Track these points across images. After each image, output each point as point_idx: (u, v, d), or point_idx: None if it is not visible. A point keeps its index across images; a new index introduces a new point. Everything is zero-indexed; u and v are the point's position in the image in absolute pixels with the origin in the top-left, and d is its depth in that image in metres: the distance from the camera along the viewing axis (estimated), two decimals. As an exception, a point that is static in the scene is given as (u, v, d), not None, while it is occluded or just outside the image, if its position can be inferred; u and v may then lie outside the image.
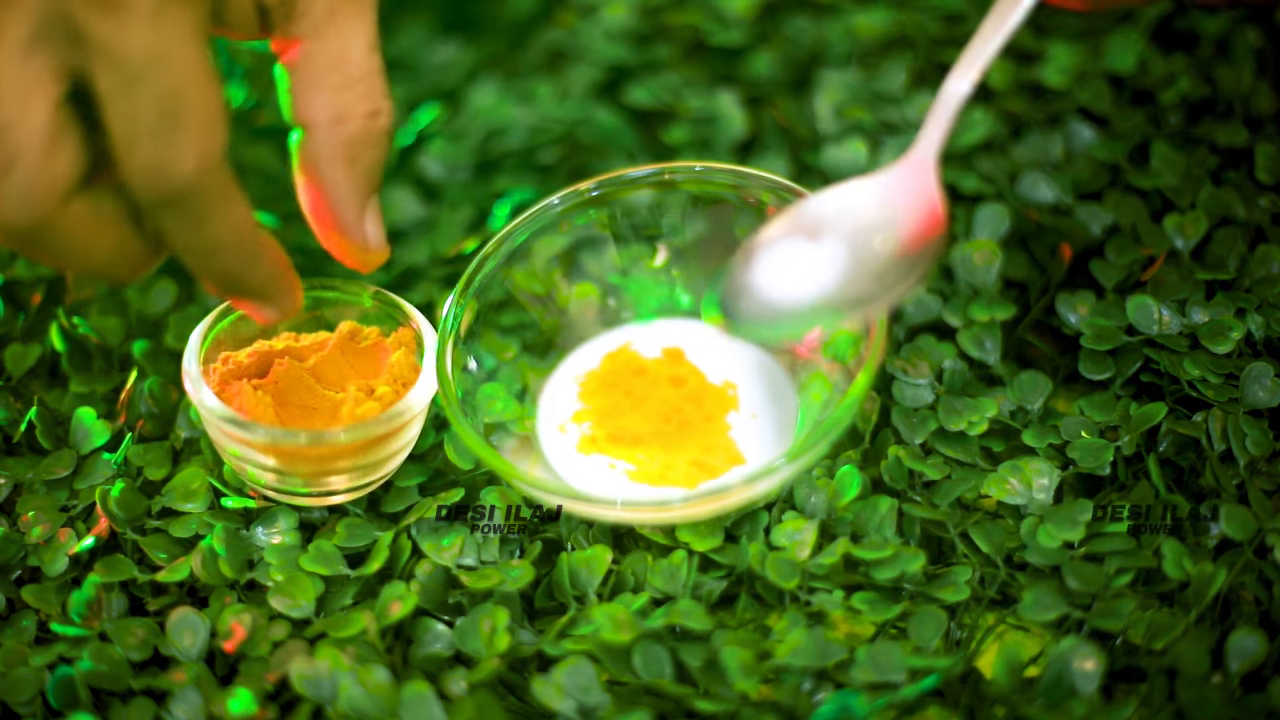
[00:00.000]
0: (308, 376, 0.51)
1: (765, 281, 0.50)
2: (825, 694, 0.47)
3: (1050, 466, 0.52)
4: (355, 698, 0.47)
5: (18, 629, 0.51)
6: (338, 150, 0.48)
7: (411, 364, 0.52)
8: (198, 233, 0.43)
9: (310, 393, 0.51)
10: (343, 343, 0.52)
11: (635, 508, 0.50)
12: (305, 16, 0.48)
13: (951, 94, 0.50)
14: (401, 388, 0.51)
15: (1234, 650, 0.47)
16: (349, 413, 0.50)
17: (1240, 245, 0.57)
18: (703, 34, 0.68)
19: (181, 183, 0.41)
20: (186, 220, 0.42)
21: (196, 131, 0.41)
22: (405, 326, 0.53)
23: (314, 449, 0.49)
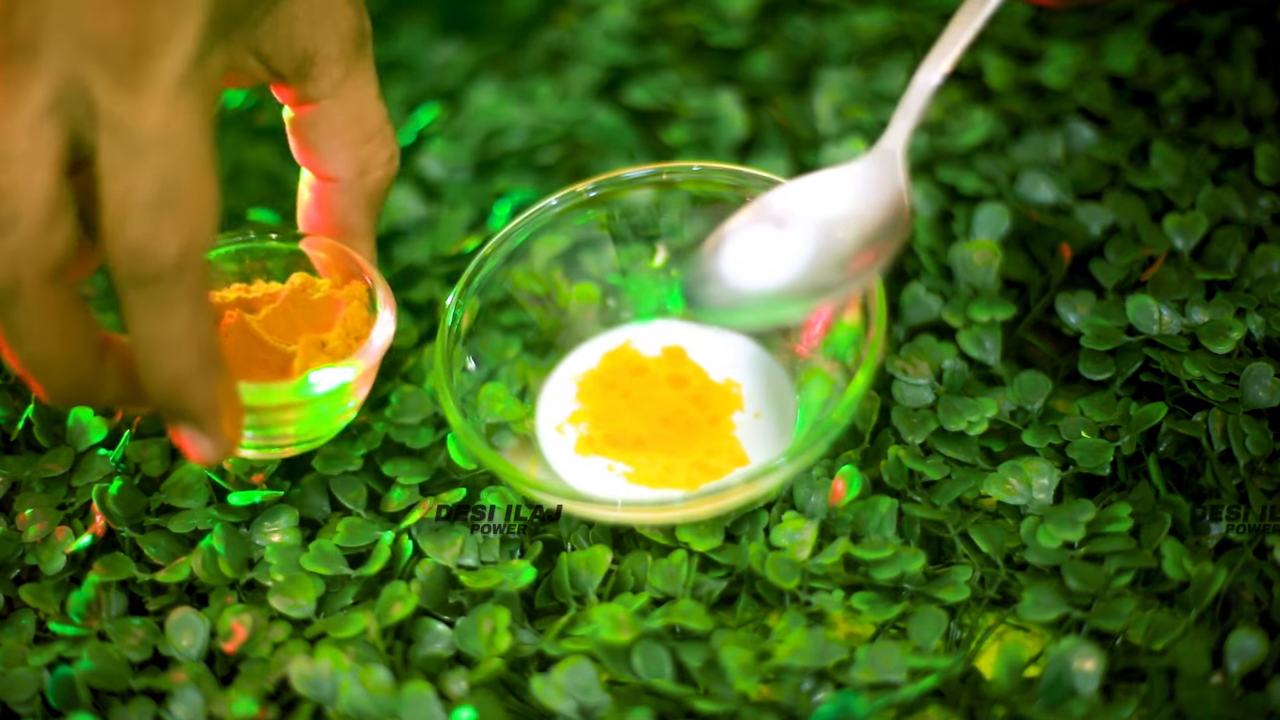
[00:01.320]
0: (258, 329, 0.50)
1: (730, 268, 0.51)
2: (825, 694, 0.47)
3: (1050, 466, 0.52)
4: (355, 698, 0.46)
5: (16, 628, 0.51)
6: (361, 200, 0.50)
7: (364, 317, 0.51)
8: (161, 322, 0.42)
9: (261, 345, 0.50)
10: (294, 295, 0.51)
11: (635, 508, 0.50)
12: (324, 78, 0.48)
13: (921, 85, 0.50)
14: (354, 341, 0.50)
15: (1234, 650, 0.47)
16: (300, 366, 0.49)
17: (1240, 245, 0.57)
18: (703, 34, 0.68)
19: (163, 263, 0.41)
20: (155, 305, 0.42)
21: (188, 216, 0.41)
22: (358, 279, 0.52)
23: (259, 402, 0.48)
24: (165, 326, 0.42)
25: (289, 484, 0.53)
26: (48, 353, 0.43)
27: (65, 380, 0.44)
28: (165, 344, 0.43)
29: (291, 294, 0.51)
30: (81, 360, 0.44)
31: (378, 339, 0.50)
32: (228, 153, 0.65)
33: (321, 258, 0.52)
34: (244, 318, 0.50)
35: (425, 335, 0.58)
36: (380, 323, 0.50)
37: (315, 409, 0.49)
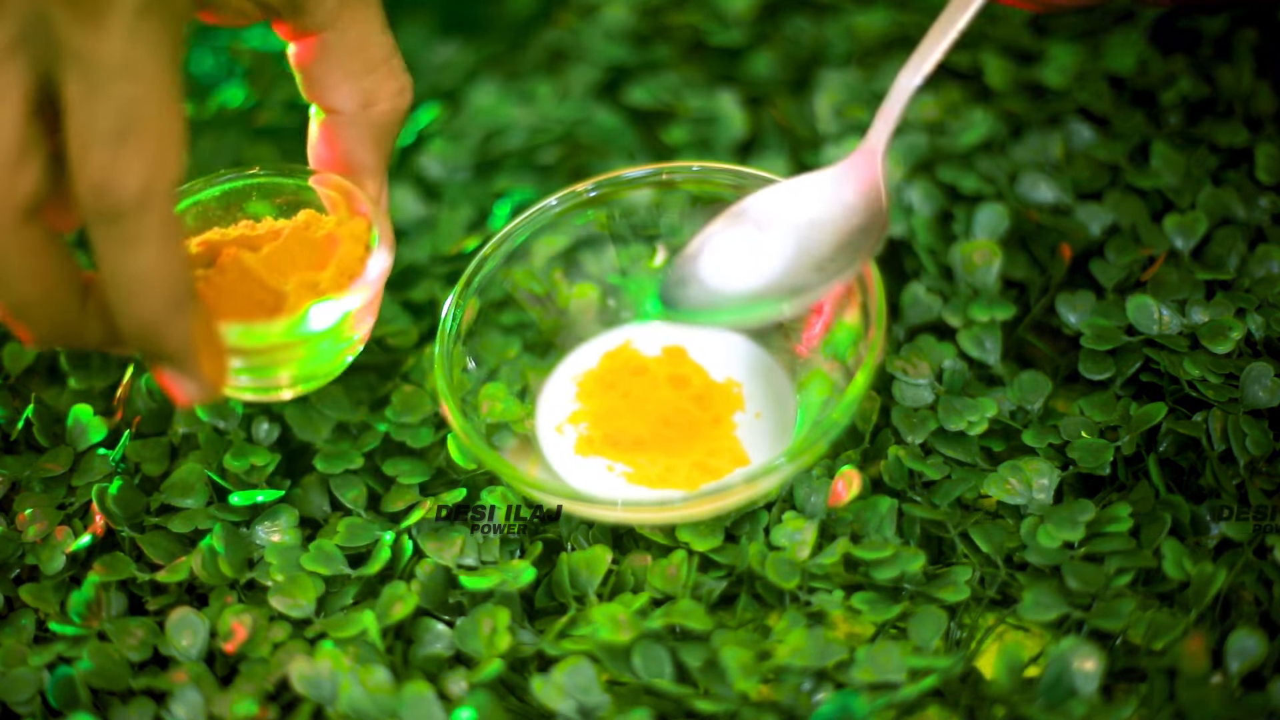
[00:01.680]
0: (255, 268, 0.49)
1: (708, 270, 0.51)
2: (825, 694, 0.47)
3: (1050, 466, 0.52)
4: (355, 698, 0.46)
5: (16, 628, 0.51)
6: (366, 133, 0.49)
7: (359, 255, 0.49)
8: (129, 259, 0.42)
9: (258, 285, 0.49)
10: (297, 232, 0.50)
11: (635, 508, 0.50)
12: (319, 10, 0.48)
13: (902, 88, 0.51)
14: (348, 279, 0.49)
15: (1234, 650, 0.47)
16: (291, 305, 0.48)
17: (1240, 245, 0.57)
18: (703, 34, 0.68)
19: (126, 197, 0.41)
20: (122, 241, 0.42)
21: (151, 148, 0.41)
22: (358, 216, 0.50)
23: (249, 343, 0.47)
24: (133, 263, 0.42)
25: (289, 483, 0.53)
26: (29, 294, 0.43)
27: (48, 321, 0.44)
28: (134, 281, 0.42)
29: (294, 231, 0.50)
30: (63, 301, 0.43)
31: (371, 272, 0.49)
32: (227, 152, 0.65)
33: (330, 195, 0.51)
34: (240, 256, 0.49)
35: (425, 335, 0.58)
36: (374, 256, 0.49)
37: (311, 348, 0.49)
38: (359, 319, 0.50)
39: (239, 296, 0.48)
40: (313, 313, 0.47)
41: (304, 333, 0.47)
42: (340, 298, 0.48)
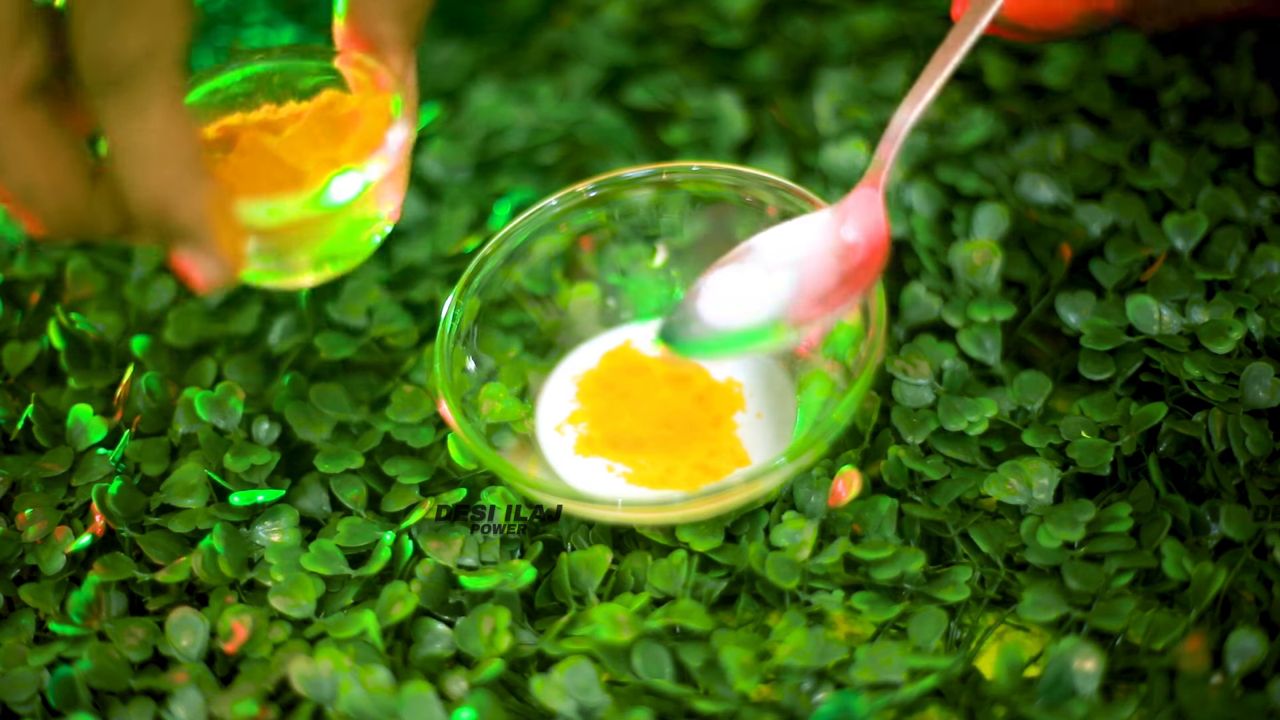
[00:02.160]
0: (275, 148, 0.48)
1: (710, 308, 0.51)
2: (825, 694, 0.47)
3: (1050, 466, 0.52)
4: (356, 698, 0.46)
5: (16, 628, 0.51)
6: (390, 7, 0.49)
7: (381, 130, 0.48)
8: (135, 130, 0.42)
9: (278, 166, 0.48)
10: (319, 113, 0.49)
11: (635, 508, 0.50)
12: None
13: (898, 124, 0.51)
14: (368, 154, 0.48)
15: (1234, 650, 0.47)
16: (311, 182, 0.47)
17: (1240, 245, 0.57)
18: (703, 34, 0.68)
19: (125, 63, 0.41)
20: (126, 112, 0.42)
21: (146, 14, 0.41)
22: (382, 92, 0.49)
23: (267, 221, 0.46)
24: (139, 134, 0.42)
25: (289, 483, 0.53)
26: (35, 178, 0.43)
27: (55, 207, 0.43)
28: (142, 153, 0.42)
29: (317, 111, 0.49)
30: (70, 185, 0.43)
31: (392, 142, 0.48)
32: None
33: (354, 74, 0.50)
34: (259, 138, 0.48)
35: (425, 335, 0.58)
36: (394, 127, 0.48)
37: (333, 225, 0.48)
38: (381, 194, 0.48)
39: (258, 177, 0.47)
40: (332, 186, 0.47)
41: (323, 207, 0.46)
42: (359, 169, 0.47)
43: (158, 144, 0.42)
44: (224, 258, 0.44)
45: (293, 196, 0.46)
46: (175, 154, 0.42)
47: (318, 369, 0.57)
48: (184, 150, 0.43)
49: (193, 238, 0.44)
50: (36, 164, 0.42)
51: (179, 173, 0.43)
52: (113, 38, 0.41)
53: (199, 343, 0.58)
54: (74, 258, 0.60)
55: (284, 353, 0.58)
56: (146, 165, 0.42)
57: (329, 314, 0.58)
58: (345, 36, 0.50)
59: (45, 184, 0.43)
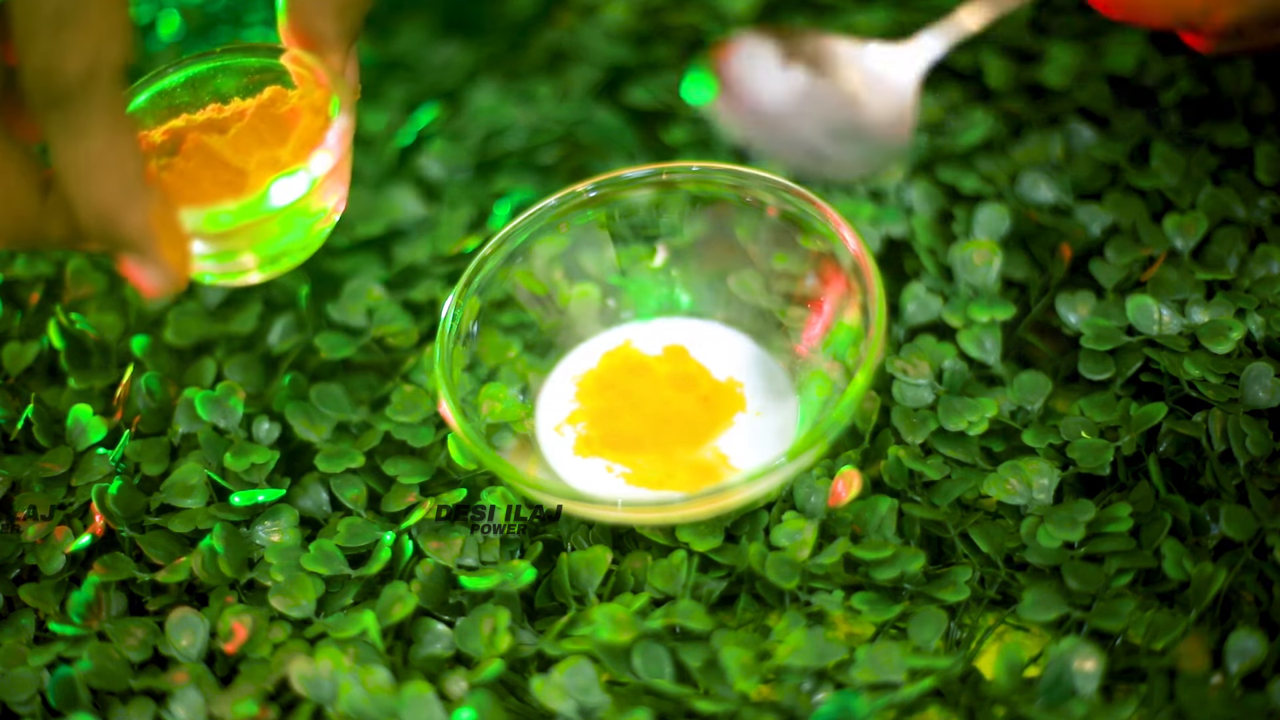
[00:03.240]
0: (219, 149, 0.48)
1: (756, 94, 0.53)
2: (825, 694, 0.47)
3: (1050, 466, 0.52)
4: (355, 698, 0.46)
5: (16, 628, 0.51)
6: (327, 5, 0.49)
7: (320, 125, 0.49)
8: (78, 145, 0.42)
9: (223, 167, 0.48)
10: (262, 110, 0.50)
11: (635, 508, 0.50)
12: None
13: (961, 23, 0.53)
14: (309, 151, 0.48)
15: (1234, 650, 0.47)
16: (253, 184, 0.47)
17: (1240, 245, 0.57)
18: (703, 34, 0.68)
19: (68, 80, 0.41)
20: (70, 128, 0.42)
21: (92, 32, 0.41)
22: (319, 88, 0.50)
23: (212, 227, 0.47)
24: (83, 149, 0.43)
25: (289, 482, 0.53)
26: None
27: (9, 217, 0.44)
28: (86, 168, 0.43)
29: (259, 109, 0.50)
30: (23, 196, 0.44)
31: (331, 139, 0.48)
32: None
33: (297, 70, 0.50)
34: (202, 140, 0.49)
35: (425, 335, 0.58)
36: (333, 125, 0.48)
37: (279, 224, 0.48)
38: (325, 189, 0.49)
39: (203, 180, 0.48)
40: (273, 189, 0.47)
41: (266, 210, 0.47)
42: (303, 168, 0.47)
43: (100, 159, 0.43)
44: (169, 265, 0.45)
45: (235, 201, 0.47)
46: (118, 169, 0.43)
47: (318, 369, 0.57)
48: (126, 165, 0.43)
49: (138, 248, 0.45)
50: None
51: (122, 187, 0.43)
52: (55, 55, 0.41)
53: (199, 343, 0.58)
54: (74, 258, 0.60)
55: (284, 352, 0.58)
56: (90, 180, 0.43)
57: (329, 314, 0.58)
58: (287, 34, 0.50)
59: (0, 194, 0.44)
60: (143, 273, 0.45)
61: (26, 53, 0.41)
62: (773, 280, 0.56)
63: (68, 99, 0.42)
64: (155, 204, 0.44)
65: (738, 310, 0.57)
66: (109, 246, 0.45)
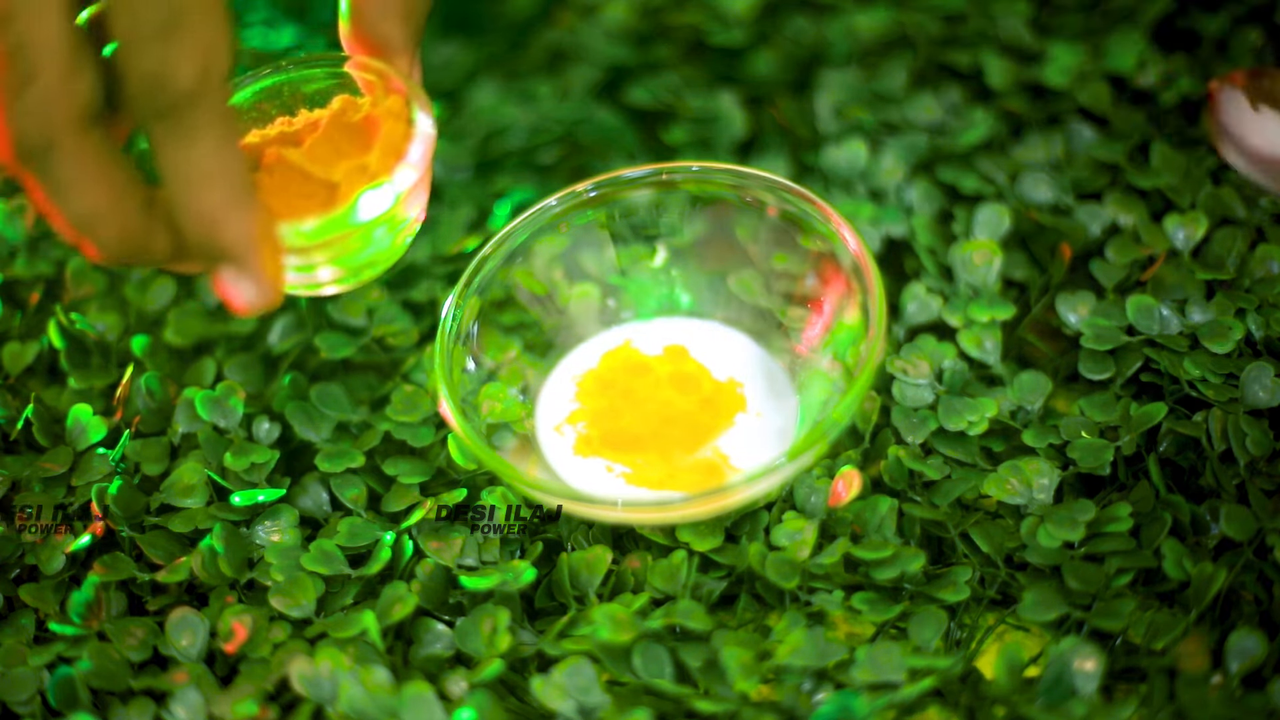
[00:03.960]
0: (299, 161, 0.48)
1: None
2: (825, 694, 0.47)
3: (1050, 466, 0.52)
4: (356, 698, 0.46)
5: (16, 628, 0.51)
6: (392, 9, 0.49)
7: (402, 132, 0.48)
8: (187, 154, 0.42)
9: (306, 179, 0.48)
10: (335, 119, 0.49)
11: (635, 508, 0.50)
12: None
13: None
14: (395, 157, 0.48)
15: (1234, 650, 0.47)
16: (344, 195, 0.47)
17: (1240, 245, 0.57)
18: (703, 34, 0.68)
19: (179, 90, 0.41)
20: (178, 137, 0.42)
21: (200, 39, 0.41)
22: (394, 94, 0.49)
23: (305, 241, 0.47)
24: (191, 158, 0.42)
25: (289, 482, 0.53)
26: (94, 205, 0.43)
27: (115, 232, 0.44)
28: (194, 177, 0.43)
29: (333, 119, 0.49)
30: (129, 210, 0.44)
31: (415, 150, 0.48)
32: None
33: (364, 77, 0.50)
34: (283, 154, 0.48)
35: (425, 335, 0.58)
36: (417, 133, 0.48)
37: (367, 235, 0.48)
38: (412, 198, 0.49)
39: (290, 194, 0.48)
40: (365, 199, 0.47)
41: (358, 221, 0.47)
42: (391, 178, 0.47)
43: (209, 167, 0.43)
44: (269, 278, 0.45)
45: (330, 212, 0.47)
46: (226, 177, 0.43)
47: (318, 368, 0.57)
48: (234, 173, 0.43)
49: (241, 259, 0.44)
50: (97, 191, 0.43)
51: (229, 195, 0.43)
52: (164, 65, 0.41)
53: (199, 343, 0.58)
54: (74, 258, 0.60)
55: (284, 352, 0.58)
56: (198, 188, 0.43)
57: (329, 314, 0.58)
58: (350, 40, 0.50)
59: (105, 210, 0.43)
60: (240, 287, 0.45)
61: (133, 63, 0.41)
62: (773, 280, 0.56)
63: (177, 108, 0.42)
64: (260, 215, 0.44)
65: (738, 310, 0.57)
66: (211, 257, 0.45)
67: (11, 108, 0.41)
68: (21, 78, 0.41)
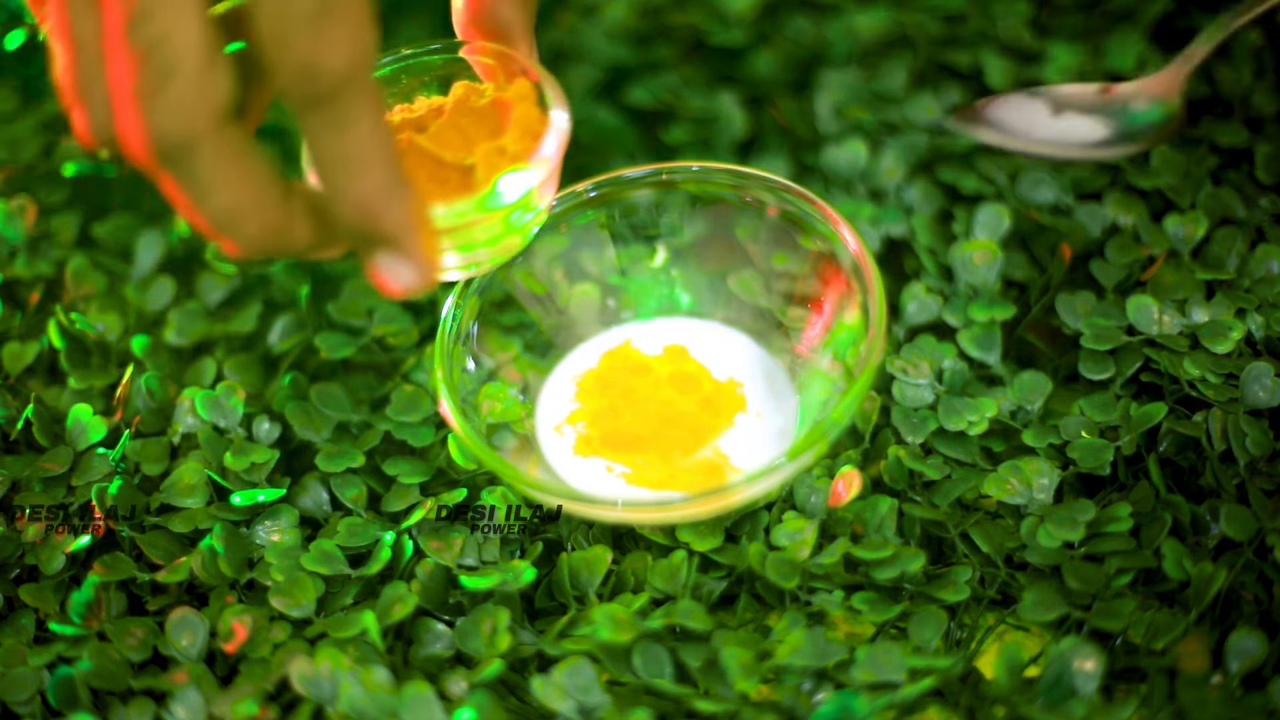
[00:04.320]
0: (431, 147, 0.48)
1: None
2: (825, 694, 0.47)
3: (1050, 466, 0.52)
4: (356, 698, 0.46)
5: (16, 628, 0.51)
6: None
7: (537, 115, 0.48)
8: (343, 140, 0.42)
9: (437, 164, 0.48)
10: (460, 105, 0.49)
11: (635, 508, 0.50)
12: None
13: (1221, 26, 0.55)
14: (531, 140, 0.48)
15: (1234, 650, 0.47)
16: (483, 176, 0.47)
17: (1240, 245, 0.57)
18: (703, 34, 0.68)
19: (334, 75, 0.41)
20: (334, 123, 0.42)
21: (351, 23, 0.41)
22: (520, 77, 0.49)
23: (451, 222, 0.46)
24: (348, 144, 0.42)
25: (289, 482, 0.53)
26: (236, 199, 0.42)
27: (257, 225, 0.43)
28: (351, 162, 0.42)
29: (457, 104, 0.49)
30: (271, 201, 0.43)
31: (554, 136, 0.48)
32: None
33: (483, 62, 0.50)
34: (414, 138, 0.48)
35: (425, 335, 0.58)
36: (555, 120, 0.48)
37: (506, 218, 0.48)
38: (545, 185, 0.49)
39: (424, 178, 0.48)
40: (505, 181, 0.47)
41: (502, 203, 0.47)
42: (531, 160, 0.47)
43: (364, 153, 0.42)
44: (426, 260, 0.45)
45: (473, 194, 0.47)
46: (382, 162, 0.43)
47: (318, 369, 0.57)
48: (389, 157, 0.43)
49: (399, 243, 0.44)
50: (239, 185, 0.42)
51: (386, 180, 0.43)
52: (317, 52, 0.41)
53: (199, 343, 0.58)
54: (74, 258, 0.60)
55: (284, 352, 0.58)
56: (355, 174, 0.43)
57: (329, 314, 0.58)
58: (465, 25, 0.50)
59: (247, 204, 0.43)
60: (396, 271, 0.45)
61: (284, 51, 0.41)
62: (773, 280, 0.56)
63: (331, 96, 0.41)
64: (416, 198, 0.44)
65: (738, 310, 0.57)
66: (369, 243, 0.44)
67: (151, 106, 0.40)
68: (160, 75, 0.40)
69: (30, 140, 0.64)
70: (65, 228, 0.61)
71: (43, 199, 0.62)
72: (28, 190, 0.61)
